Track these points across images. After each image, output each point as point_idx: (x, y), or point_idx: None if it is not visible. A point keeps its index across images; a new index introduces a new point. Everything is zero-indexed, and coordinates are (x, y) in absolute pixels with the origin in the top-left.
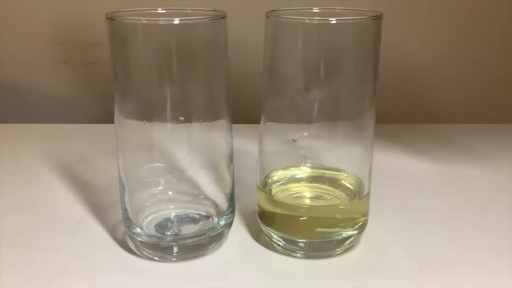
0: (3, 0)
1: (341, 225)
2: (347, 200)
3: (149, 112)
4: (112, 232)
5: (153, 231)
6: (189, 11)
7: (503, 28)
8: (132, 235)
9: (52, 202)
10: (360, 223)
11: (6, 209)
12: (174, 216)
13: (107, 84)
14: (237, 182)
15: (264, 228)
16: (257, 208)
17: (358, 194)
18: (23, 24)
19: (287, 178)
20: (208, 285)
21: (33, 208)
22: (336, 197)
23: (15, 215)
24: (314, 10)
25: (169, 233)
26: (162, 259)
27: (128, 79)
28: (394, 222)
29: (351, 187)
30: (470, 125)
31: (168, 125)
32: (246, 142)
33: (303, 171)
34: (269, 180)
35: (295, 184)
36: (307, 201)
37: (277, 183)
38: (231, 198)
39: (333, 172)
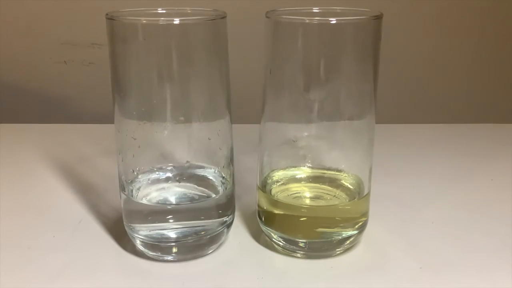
0: (3, 0)
1: (341, 225)
2: (347, 200)
3: (149, 112)
4: (112, 232)
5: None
6: (189, 11)
7: (503, 28)
8: (132, 234)
9: (52, 202)
10: (360, 223)
11: (6, 209)
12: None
13: (107, 84)
14: (237, 182)
15: (264, 228)
16: (257, 208)
17: (358, 194)
18: (23, 24)
19: (287, 178)
20: (208, 285)
21: (33, 208)
22: (336, 197)
23: (15, 215)
24: (314, 10)
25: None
26: (162, 259)
27: (128, 79)
28: (394, 222)
29: (351, 187)
30: (470, 125)
31: (168, 125)
32: (246, 142)
33: (303, 171)
34: (269, 180)
35: (295, 184)
36: (307, 201)
37: (277, 183)
38: (231, 198)
39: (333, 172)
